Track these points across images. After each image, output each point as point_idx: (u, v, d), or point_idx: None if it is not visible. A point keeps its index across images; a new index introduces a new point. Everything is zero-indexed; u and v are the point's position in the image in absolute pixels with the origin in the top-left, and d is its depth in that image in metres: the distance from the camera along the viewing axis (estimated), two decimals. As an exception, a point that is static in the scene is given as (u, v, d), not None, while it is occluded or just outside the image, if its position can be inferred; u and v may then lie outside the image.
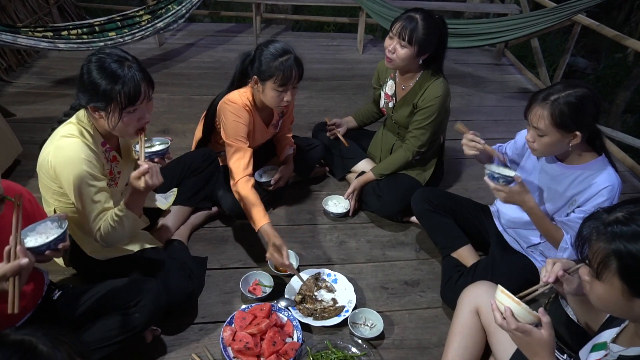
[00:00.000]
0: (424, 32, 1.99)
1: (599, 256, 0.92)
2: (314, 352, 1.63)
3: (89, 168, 1.44)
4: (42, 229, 1.21)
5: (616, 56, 6.34)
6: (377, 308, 1.86)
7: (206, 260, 2.04)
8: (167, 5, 3.64)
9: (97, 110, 1.44)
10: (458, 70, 4.28)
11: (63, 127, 1.50)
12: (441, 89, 2.11)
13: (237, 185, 1.93)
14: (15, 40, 3.02)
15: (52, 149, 1.45)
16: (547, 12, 3.36)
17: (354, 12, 5.56)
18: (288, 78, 1.86)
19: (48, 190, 1.53)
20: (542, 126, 1.49)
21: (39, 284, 1.43)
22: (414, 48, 2.01)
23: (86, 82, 1.41)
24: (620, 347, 1.01)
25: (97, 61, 1.42)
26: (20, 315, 1.35)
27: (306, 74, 1.84)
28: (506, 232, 1.93)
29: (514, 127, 3.27)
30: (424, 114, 2.15)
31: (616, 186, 1.50)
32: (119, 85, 1.39)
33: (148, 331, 1.62)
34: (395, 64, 2.09)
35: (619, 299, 0.92)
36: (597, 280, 0.95)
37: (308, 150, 2.44)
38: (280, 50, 1.86)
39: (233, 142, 1.96)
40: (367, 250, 2.19)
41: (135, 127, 1.49)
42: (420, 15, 2.00)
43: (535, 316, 1.09)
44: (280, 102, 1.93)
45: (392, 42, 2.04)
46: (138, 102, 1.43)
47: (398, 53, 2.04)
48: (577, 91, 1.45)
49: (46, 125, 1.58)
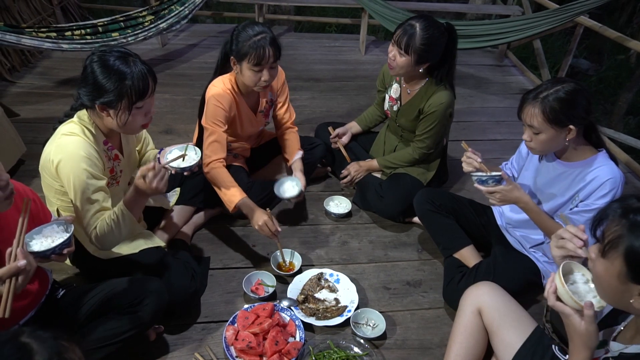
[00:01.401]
0: (422, 42, 1.95)
1: (610, 235, 0.94)
2: (316, 352, 1.63)
3: (88, 166, 1.44)
4: (49, 232, 1.22)
5: (618, 58, 6.33)
6: (380, 308, 1.86)
7: (209, 260, 2.05)
8: (170, 6, 3.65)
9: (105, 109, 1.44)
10: (460, 71, 4.28)
11: (64, 125, 1.50)
12: (444, 97, 2.09)
13: (208, 166, 1.95)
14: (19, 40, 3.04)
15: (53, 147, 1.46)
16: (549, 14, 3.36)
17: (356, 13, 5.57)
18: (262, 57, 1.83)
19: (50, 189, 1.53)
20: (535, 124, 1.50)
21: (43, 283, 1.43)
22: (411, 57, 1.99)
23: (92, 81, 1.41)
24: (621, 345, 1.02)
25: (100, 59, 1.41)
26: (23, 313, 1.35)
27: (308, 75, 1.85)
28: (508, 233, 1.93)
29: (516, 128, 3.27)
30: (429, 120, 2.15)
31: (618, 178, 1.51)
32: (128, 81, 1.40)
33: (151, 330, 1.63)
34: (395, 71, 2.09)
35: (614, 280, 0.94)
36: (602, 257, 0.96)
37: (309, 149, 2.44)
38: (256, 30, 1.85)
39: (209, 126, 1.97)
40: (369, 250, 2.20)
41: (142, 121, 1.51)
42: (420, 23, 1.96)
43: (577, 303, 1.02)
44: (258, 82, 1.91)
45: (393, 50, 2.04)
46: (146, 96, 1.45)
47: (397, 61, 2.04)
48: (565, 86, 1.47)
49: (49, 125, 1.59)
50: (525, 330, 1.42)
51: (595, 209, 1.53)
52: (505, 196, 1.62)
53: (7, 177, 1.10)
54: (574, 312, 1.02)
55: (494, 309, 1.49)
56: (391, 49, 2.05)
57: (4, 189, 1.08)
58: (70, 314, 1.46)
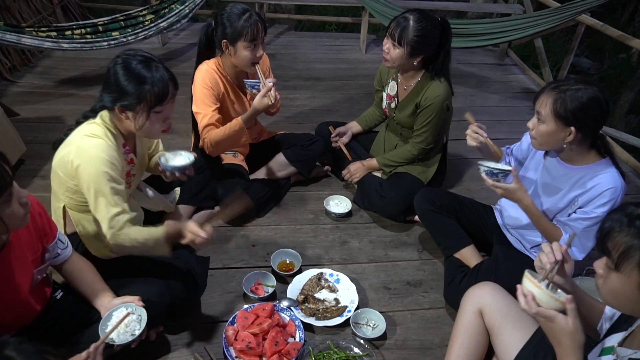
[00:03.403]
0: (415, 34, 1.98)
1: (621, 247, 0.92)
2: (316, 352, 1.63)
3: (110, 170, 1.45)
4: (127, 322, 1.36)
5: (620, 56, 6.31)
6: (380, 308, 1.86)
7: (208, 260, 2.03)
8: (171, 5, 3.64)
9: (124, 111, 1.47)
10: (461, 70, 4.27)
11: (86, 126, 1.51)
12: (440, 89, 2.10)
13: (204, 132, 2.02)
14: (19, 40, 3.03)
15: (74, 147, 1.46)
16: (550, 12, 3.35)
17: (356, 11, 5.56)
18: (256, 33, 1.94)
19: (62, 186, 1.53)
20: (543, 112, 1.50)
21: (48, 287, 1.43)
22: (404, 49, 2.02)
23: (114, 83, 1.44)
24: (630, 351, 1.00)
25: (123, 62, 1.44)
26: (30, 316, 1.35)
27: (309, 74, 1.86)
28: (509, 233, 1.92)
29: (517, 127, 3.26)
30: (426, 113, 2.15)
31: (619, 188, 1.49)
32: (148, 85, 1.42)
33: (152, 330, 1.63)
34: (390, 63, 2.11)
35: (634, 292, 0.92)
36: (615, 271, 0.94)
37: (308, 145, 2.44)
38: (241, 10, 1.95)
39: (200, 110, 2.03)
40: (369, 250, 2.19)
41: (161, 127, 1.54)
42: (414, 16, 1.99)
43: (560, 302, 1.01)
44: (255, 59, 2.00)
45: (387, 42, 2.07)
46: (165, 102, 1.47)
47: (391, 53, 2.06)
48: (588, 89, 1.45)
49: (50, 125, 1.59)
50: (527, 330, 1.41)
51: (594, 218, 1.52)
52: (508, 194, 1.61)
53: (26, 194, 1.13)
54: (557, 312, 1.02)
55: (496, 309, 1.48)
56: (385, 42, 2.09)
57: (25, 206, 1.13)
58: (69, 315, 1.45)
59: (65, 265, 1.46)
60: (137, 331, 1.35)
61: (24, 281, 1.26)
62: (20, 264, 1.24)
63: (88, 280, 1.47)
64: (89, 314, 1.46)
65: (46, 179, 2.49)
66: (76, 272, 1.47)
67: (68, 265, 1.46)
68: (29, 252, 1.27)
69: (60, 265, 1.46)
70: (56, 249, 1.41)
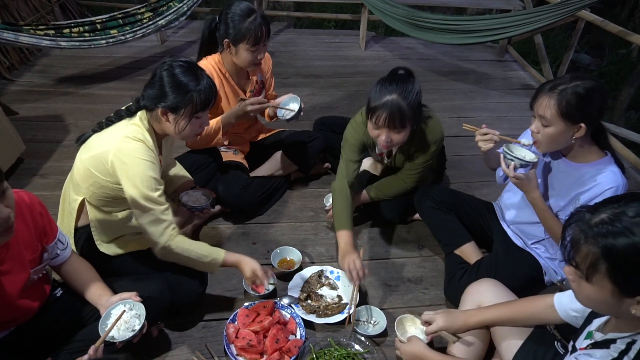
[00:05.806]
0: (410, 107, 1.70)
1: (588, 259, 0.92)
2: (317, 350, 1.63)
3: (154, 173, 1.50)
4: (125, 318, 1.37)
5: (620, 52, 6.30)
6: (380, 305, 1.86)
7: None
8: (169, 3, 3.63)
9: (166, 113, 1.50)
10: (461, 66, 4.27)
11: (127, 127, 1.52)
12: (438, 130, 1.93)
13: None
14: (17, 38, 3.02)
15: (114, 148, 1.47)
16: (550, 8, 3.34)
17: (356, 8, 5.54)
18: (259, 37, 1.92)
19: (88, 180, 1.54)
20: (548, 115, 1.48)
21: (47, 285, 1.43)
22: (409, 126, 1.76)
23: (159, 86, 1.49)
24: (602, 335, 1.04)
25: (171, 67, 1.50)
26: (27, 314, 1.35)
27: (308, 71, 1.85)
28: (510, 229, 1.92)
29: (517, 123, 3.26)
30: (424, 157, 1.98)
31: (621, 187, 1.49)
32: (196, 91, 1.50)
33: (153, 327, 1.63)
34: (396, 145, 1.85)
35: (609, 300, 0.93)
36: (587, 282, 0.95)
37: (308, 142, 2.43)
38: (247, 11, 1.91)
39: None
40: (369, 247, 2.19)
41: (197, 131, 1.60)
42: (396, 94, 1.68)
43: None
44: (255, 61, 2.00)
45: (383, 133, 1.75)
46: (208, 108, 1.55)
47: (396, 139, 1.77)
48: (585, 82, 1.46)
49: (49, 124, 1.59)
50: (527, 327, 1.42)
51: None
52: (522, 185, 1.59)
53: (7, 211, 1.08)
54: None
55: (496, 305, 1.48)
56: (379, 133, 1.76)
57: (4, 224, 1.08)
58: (68, 313, 1.45)
59: (63, 266, 1.46)
60: (137, 326, 1.35)
61: (19, 280, 1.25)
62: (17, 263, 1.24)
63: (86, 280, 1.46)
64: (89, 312, 1.46)
65: (46, 177, 2.49)
66: (74, 273, 1.47)
67: (66, 267, 1.46)
68: (27, 251, 1.27)
69: (58, 266, 1.45)
70: (55, 249, 1.40)
